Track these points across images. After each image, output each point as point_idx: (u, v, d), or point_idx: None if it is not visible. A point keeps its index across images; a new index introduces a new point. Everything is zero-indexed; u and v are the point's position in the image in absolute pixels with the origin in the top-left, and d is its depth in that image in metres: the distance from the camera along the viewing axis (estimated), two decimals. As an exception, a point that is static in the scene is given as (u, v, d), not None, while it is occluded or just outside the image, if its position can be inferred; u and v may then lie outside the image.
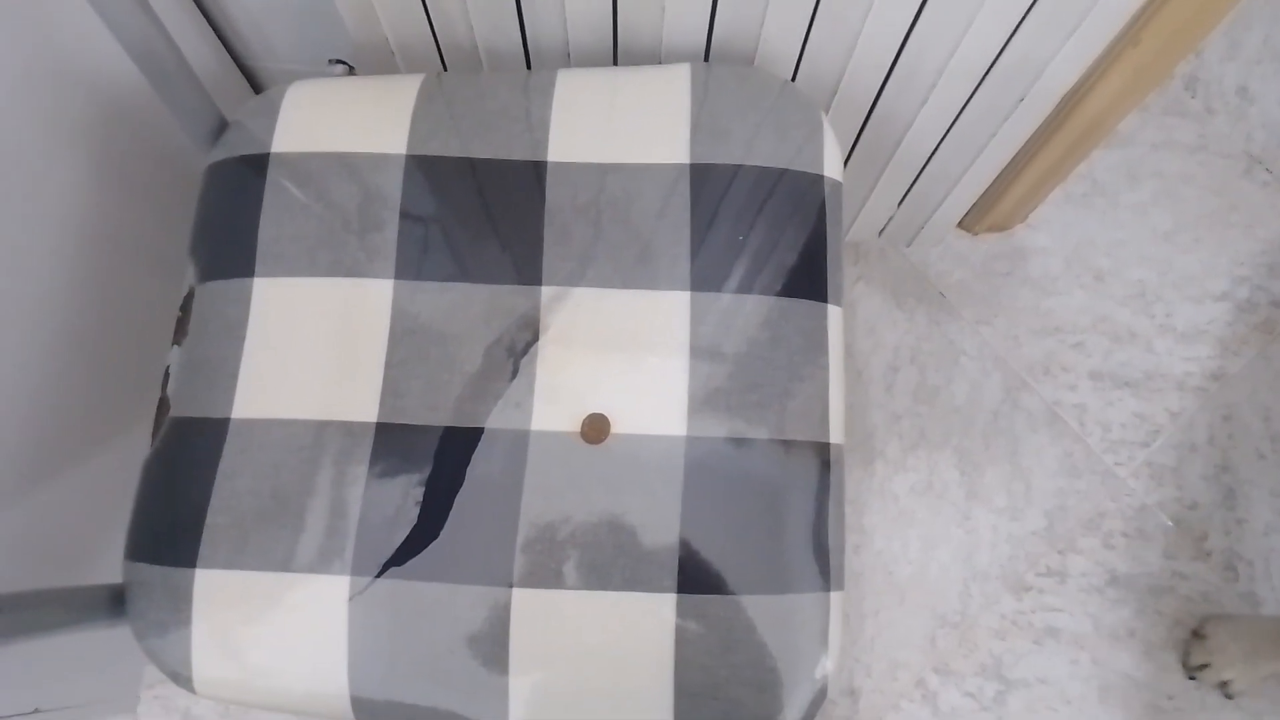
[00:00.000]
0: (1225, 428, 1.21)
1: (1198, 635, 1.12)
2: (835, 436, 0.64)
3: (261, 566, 0.60)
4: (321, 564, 0.60)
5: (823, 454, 0.63)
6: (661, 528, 0.60)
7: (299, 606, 0.60)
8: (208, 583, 0.61)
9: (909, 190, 0.94)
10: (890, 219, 1.04)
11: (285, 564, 0.60)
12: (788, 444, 0.62)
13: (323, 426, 0.62)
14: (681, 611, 0.59)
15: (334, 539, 0.61)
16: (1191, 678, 1.11)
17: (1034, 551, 1.17)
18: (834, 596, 0.61)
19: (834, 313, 0.66)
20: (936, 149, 0.85)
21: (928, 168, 0.88)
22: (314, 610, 0.60)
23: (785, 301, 0.64)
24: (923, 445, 1.21)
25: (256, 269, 0.66)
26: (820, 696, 0.60)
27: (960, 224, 1.28)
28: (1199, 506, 1.18)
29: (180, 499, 0.62)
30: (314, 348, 0.64)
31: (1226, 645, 1.07)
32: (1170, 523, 1.18)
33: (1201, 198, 1.29)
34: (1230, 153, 1.30)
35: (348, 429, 0.62)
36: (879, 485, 1.20)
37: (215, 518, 0.61)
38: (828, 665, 0.60)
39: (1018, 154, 0.99)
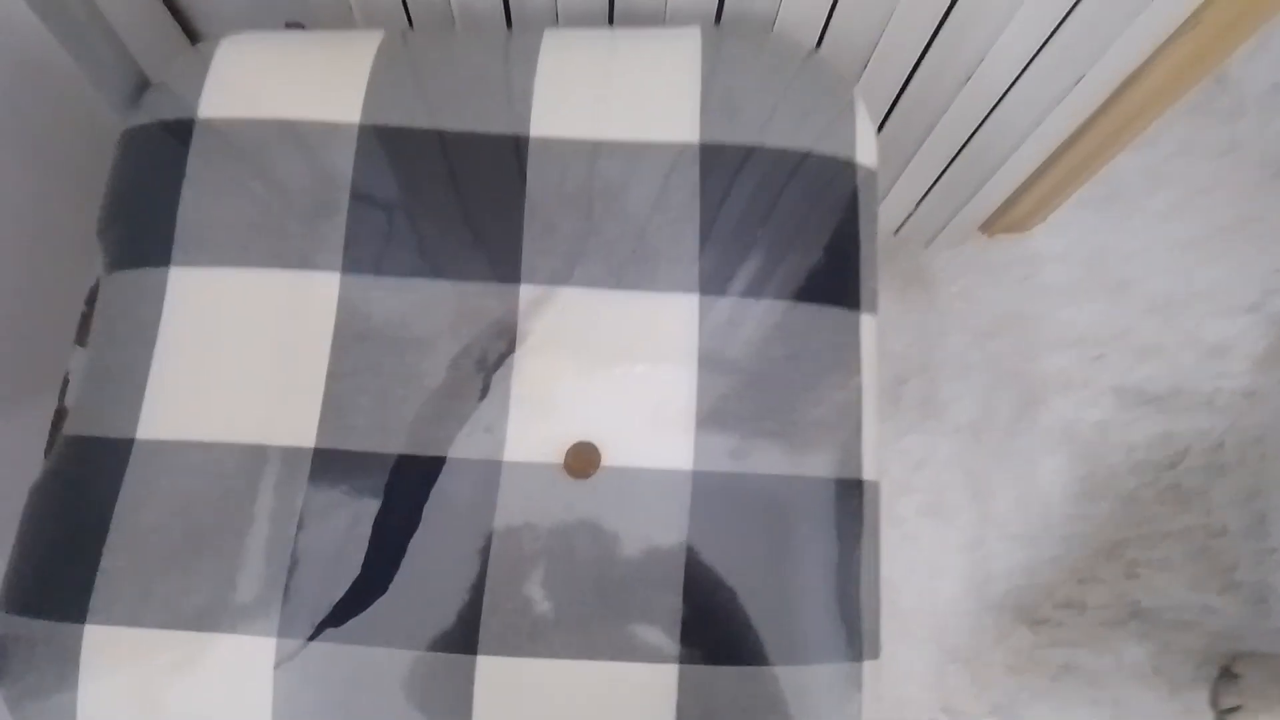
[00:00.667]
0: (1257, 449, 1.12)
1: (1228, 674, 1.03)
2: (869, 473, 0.53)
3: (167, 623, 0.49)
4: (242, 622, 0.49)
5: (853, 494, 0.53)
6: (661, 584, 0.49)
7: (212, 674, 0.49)
8: (99, 642, 0.49)
9: (935, 183, 0.84)
10: (909, 216, 0.94)
11: (197, 621, 0.49)
12: (813, 482, 0.52)
13: (249, 452, 0.51)
14: (685, 686, 0.48)
15: (258, 591, 0.49)
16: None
17: (1051, 581, 1.08)
18: (866, 667, 0.51)
19: (867, 323, 0.55)
20: (973, 136, 0.74)
21: (960, 158, 0.78)
22: (231, 679, 0.49)
23: (810, 309, 0.54)
24: (930, 464, 1.12)
25: (174, 256, 0.54)
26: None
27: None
28: (1228, 533, 1.09)
29: (71, 535, 0.51)
30: (240, 355, 0.53)
31: (1263, 687, 0.98)
32: (1197, 552, 1.09)
33: (1229, 204, 1.20)
34: (1260, 157, 1.22)
35: (280, 455, 0.51)
36: (882, 506, 1.10)
37: (112, 560, 0.50)
38: (858, 752, 0.50)
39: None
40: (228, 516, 0.50)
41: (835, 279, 0.55)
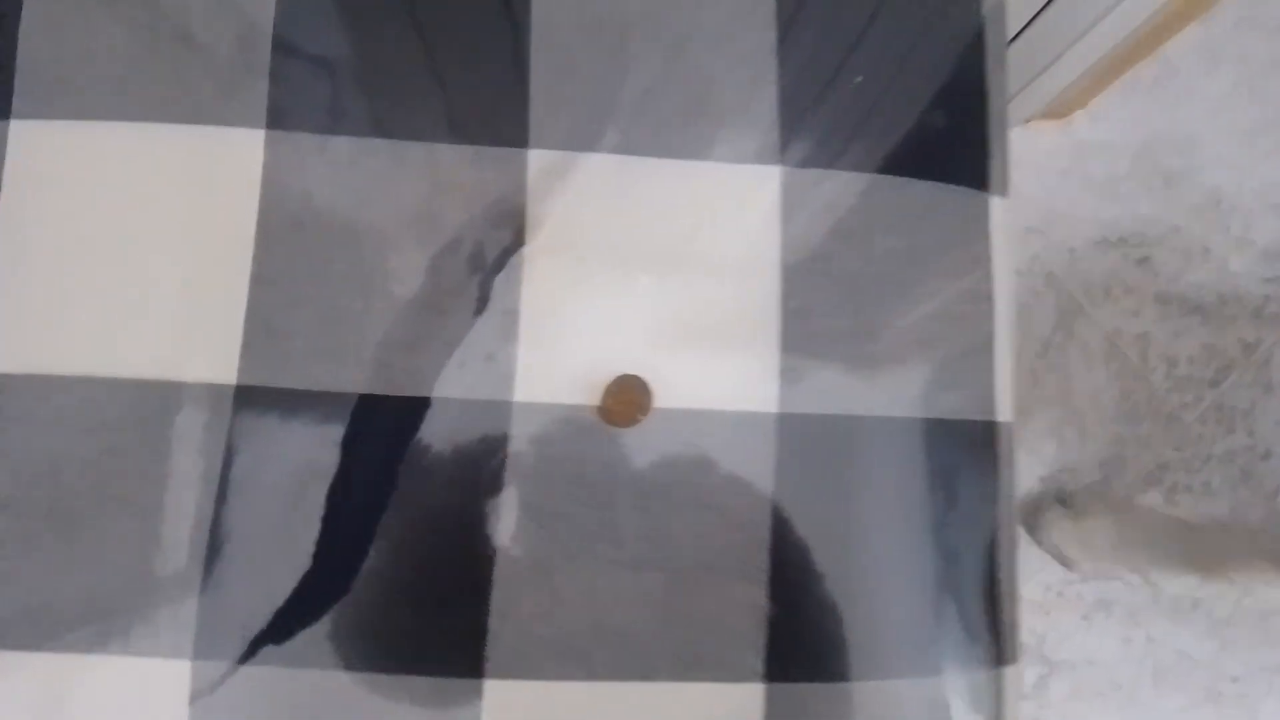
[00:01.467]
0: (1309, 364, 1.01)
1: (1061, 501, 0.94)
2: (1003, 413, 0.39)
3: (25, 644, 0.34)
4: (140, 639, 0.34)
5: (986, 442, 0.39)
6: (739, 573, 0.35)
7: (97, 715, 0.34)
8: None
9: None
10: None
11: (71, 640, 0.34)
12: (935, 427, 0.37)
13: (140, 391, 0.35)
14: (774, 711, 0.35)
15: (164, 593, 0.34)
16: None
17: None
18: (1008, 673, 0.38)
19: (998, 210, 0.41)
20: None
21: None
22: (129, 718, 0.34)
23: (927, 189, 0.39)
24: (956, 382, 0.99)
25: (14, 106, 0.37)
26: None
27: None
28: (1272, 456, 1.00)
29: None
30: (122, 251, 0.36)
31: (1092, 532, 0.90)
32: (1240, 476, 0.99)
33: (1290, 87, 1.06)
34: (1325, 32, 1.08)
35: (187, 397, 0.35)
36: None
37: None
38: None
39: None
40: (111, 484, 0.34)
41: (958, 149, 0.40)
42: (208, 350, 0.35)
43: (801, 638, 0.35)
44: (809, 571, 0.36)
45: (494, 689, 0.34)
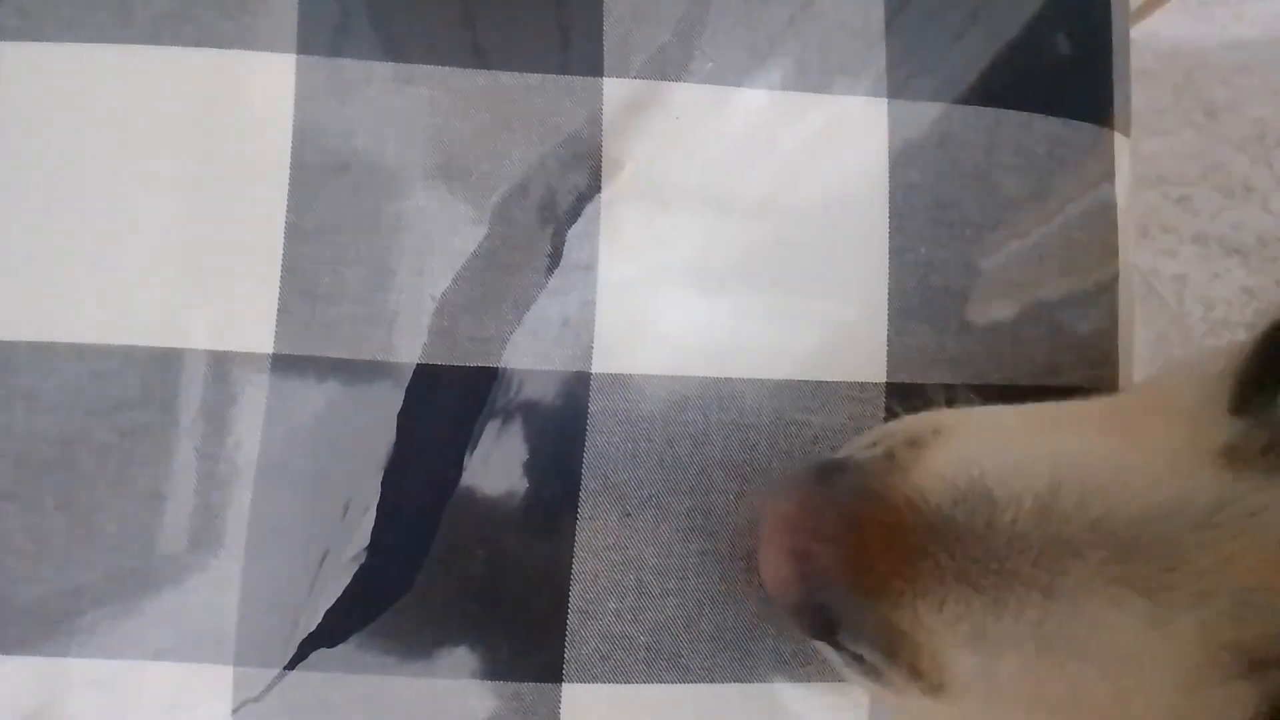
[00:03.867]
0: (1348, 308, 0.98)
1: None
2: (1124, 385, 0.35)
3: (27, 647, 0.29)
4: (173, 645, 0.30)
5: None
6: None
7: (130, 727, 0.30)
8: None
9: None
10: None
11: (87, 643, 0.30)
12: (1054, 394, 0.33)
13: (157, 362, 0.30)
14: (879, 711, 0.31)
15: (197, 596, 0.30)
16: None
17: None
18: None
19: (1123, 149, 0.36)
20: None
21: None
22: (162, 731, 0.30)
23: (1050, 123, 0.34)
24: (987, 325, 0.95)
25: (-4, 24, 0.31)
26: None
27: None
28: (1306, 402, 0.97)
29: None
30: (129, 198, 0.31)
31: None
32: (1274, 422, 0.97)
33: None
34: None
35: (211, 367, 0.30)
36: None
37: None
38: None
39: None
40: (125, 473, 0.30)
41: (1083, 81, 0.35)
42: (237, 314, 0.30)
43: (911, 632, 0.32)
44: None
45: (573, 694, 0.30)
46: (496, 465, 0.30)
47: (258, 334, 0.30)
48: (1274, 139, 0.98)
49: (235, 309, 0.30)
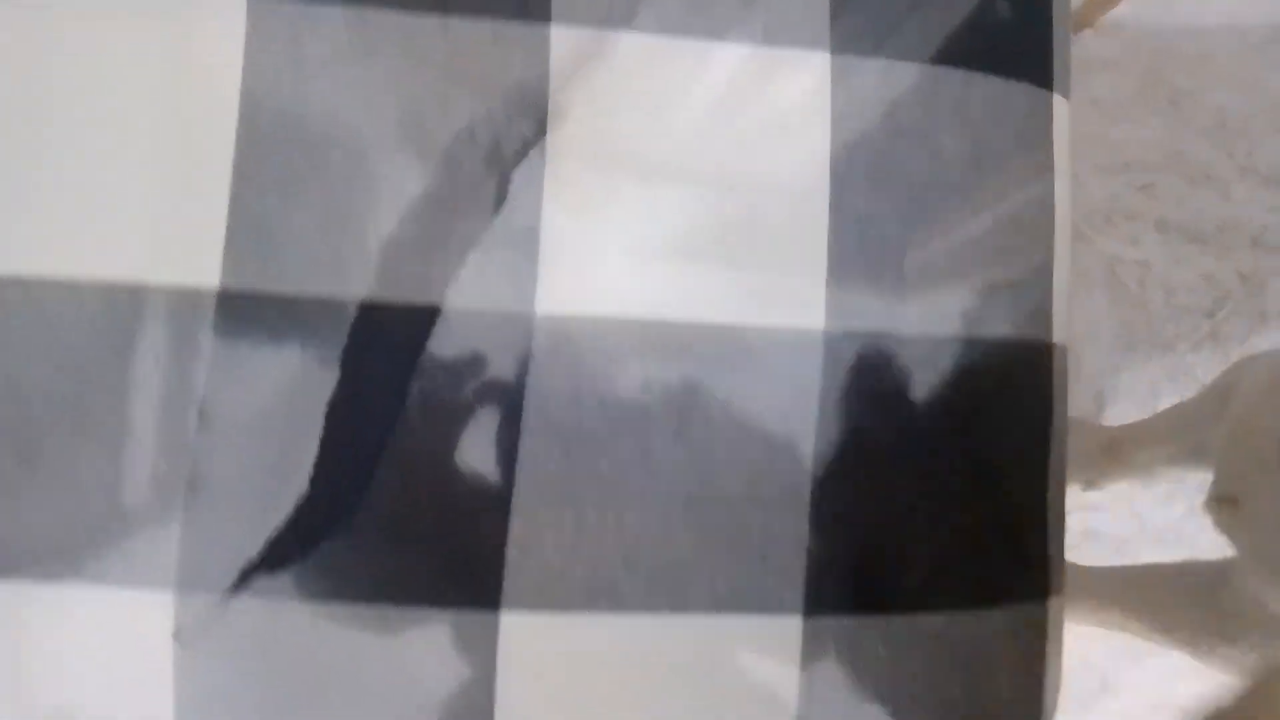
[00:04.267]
0: (1305, 295, 1.00)
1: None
2: (1059, 334, 0.37)
3: (-12, 575, 0.30)
4: (116, 570, 0.30)
5: (1041, 365, 0.36)
6: (779, 503, 0.32)
7: (72, 652, 0.30)
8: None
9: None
10: None
11: (35, 567, 0.30)
12: (990, 345, 0.35)
13: (105, 297, 0.31)
14: (811, 645, 0.32)
15: (140, 518, 0.30)
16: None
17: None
18: (1052, 605, 0.36)
19: (1061, 110, 0.37)
20: None
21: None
22: (100, 656, 0.30)
23: (989, 82, 0.35)
24: (953, 307, 0.96)
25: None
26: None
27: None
28: (1263, 388, 0.99)
29: None
30: (80, 137, 0.31)
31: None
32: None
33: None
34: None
35: (161, 303, 0.31)
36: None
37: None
38: (1048, 709, 0.35)
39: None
40: (78, 405, 0.30)
41: (1021, 42, 0.36)
42: (184, 251, 0.31)
43: (842, 569, 0.33)
44: (852, 499, 0.33)
45: (511, 622, 0.31)
46: (439, 402, 0.31)
47: (205, 270, 0.31)
48: (1235, 127, 1.00)
49: (182, 245, 0.31)
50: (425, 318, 0.31)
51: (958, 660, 0.33)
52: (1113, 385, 0.97)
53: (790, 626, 0.32)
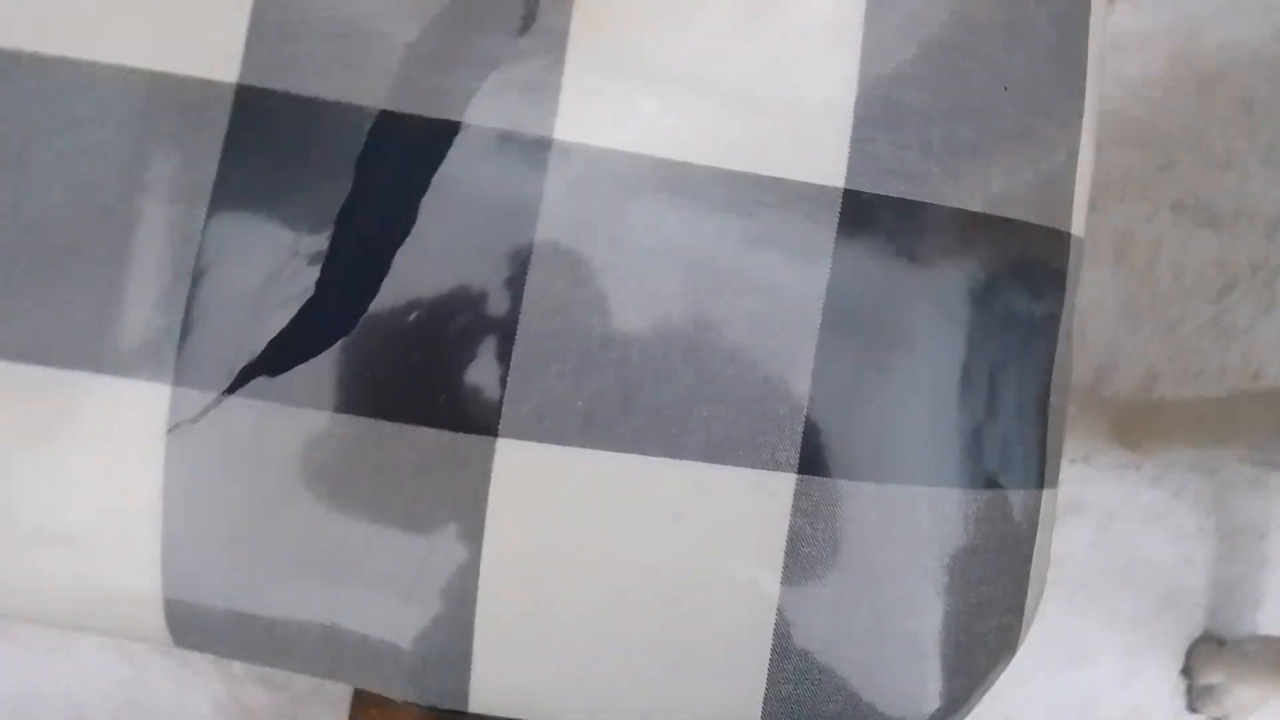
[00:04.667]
0: (1313, 289, 1.00)
1: (1213, 639, 0.93)
2: (1077, 226, 0.36)
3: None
4: (112, 358, 0.30)
5: (1059, 252, 0.36)
6: (782, 357, 0.32)
7: (65, 435, 0.30)
8: None
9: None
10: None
11: (33, 349, 0.30)
12: (1009, 225, 0.34)
13: (121, 80, 0.30)
14: (802, 504, 0.32)
15: (141, 312, 0.30)
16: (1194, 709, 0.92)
17: (1074, 413, 0.96)
18: (1047, 496, 0.36)
19: (1100, 14, 0.37)
20: None
21: None
22: (98, 445, 0.30)
23: (1032, -34, 0.35)
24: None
25: None
26: (1003, 657, 0.35)
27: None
28: (1261, 378, 0.99)
29: None
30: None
31: (1253, 666, 0.88)
32: (1229, 394, 0.99)
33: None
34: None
35: (175, 92, 0.30)
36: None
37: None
38: (1029, 607, 0.35)
39: None
40: (82, 186, 0.30)
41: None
42: (205, 43, 0.30)
43: (839, 432, 0.32)
44: (856, 362, 0.33)
45: (507, 449, 0.31)
46: (449, 218, 0.31)
47: (225, 63, 0.30)
48: (1261, 115, 1.00)
49: (203, 38, 0.30)
50: (444, 132, 0.31)
51: (947, 534, 0.33)
52: (1111, 361, 0.97)
53: (783, 483, 0.32)
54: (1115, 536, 0.97)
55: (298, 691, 0.81)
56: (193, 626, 0.32)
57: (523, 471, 0.31)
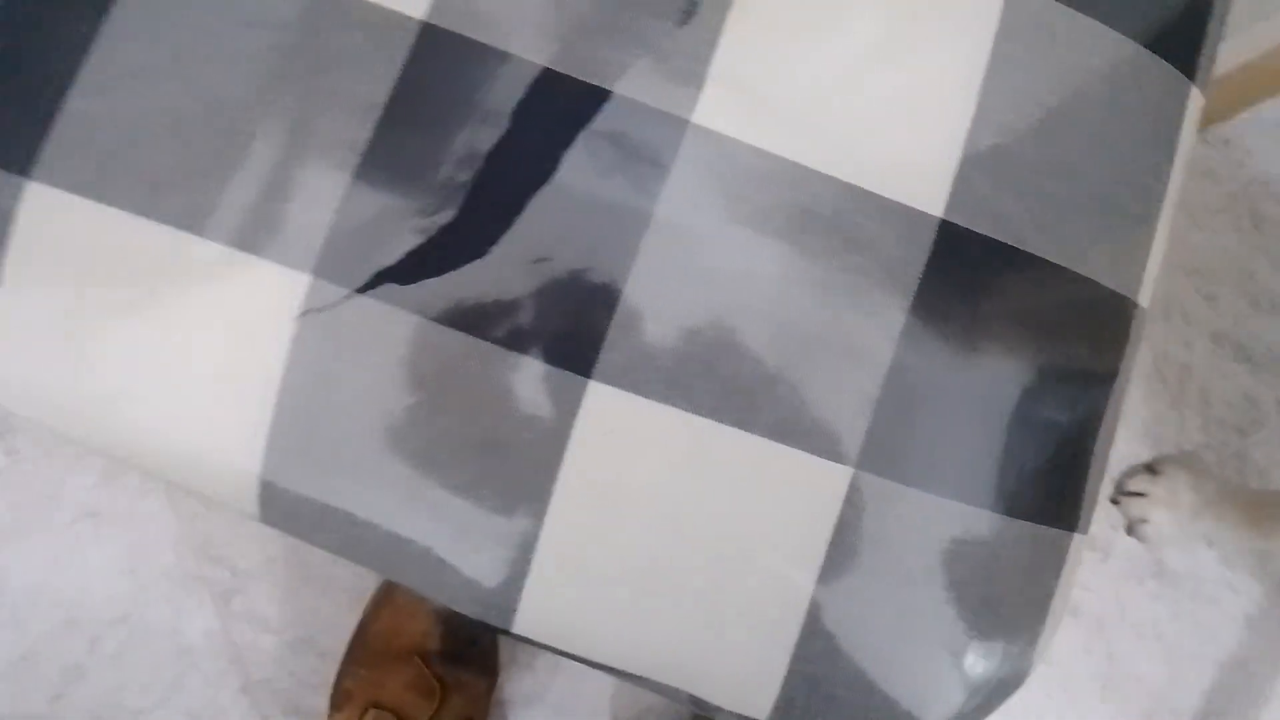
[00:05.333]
0: (1338, 441, 1.02)
1: (1149, 469, 0.97)
2: (1144, 297, 0.39)
3: (150, 212, 0.33)
4: (263, 241, 0.33)
5: (1123, 316, 0.38)
6: (859, 357, 0.35)
7: (204, 302, 0.33)
8: (42, 212, 0.33)
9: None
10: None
11: (194, 220, 0.33)
12: (1079, 281, 0.37)
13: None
14: (854, 498, 0.34)
15: (297, 203, 0.33)
16: (1114, 501, 0.95)
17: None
18: (1076, 540, 0.38)
19: (1196, 99, 0.40)
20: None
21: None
22: (231, 315, 0.33)
23: (1144, 55, 0.38)
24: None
25: None
26: (1013, 682, 0.37)
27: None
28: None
29: (27, 54, 0.33)
30: None
31: (1178, 490, 0.92)
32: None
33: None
34: None
35: (364, 15, 0.34)
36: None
37: (82, 103, 0.33)
38: (1044, 638, 0.37)
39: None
40: (264, 85, 0.33)
41: (1179, 28, 0.39)
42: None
43: (901, 438, 0.35)
44: (925, 376, 0.35)
45: (596, 392, 0.33)
46: (584, 175, 0.34)
47: (414, 1, 0.34)
48: (1310, 264, 1.03)
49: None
50: (596, 97, 0.34)
51: (981, 553, 0.35)
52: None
53: (840, 476, 0.34)
54: (1108, 648, 0.97)
55: (290, 638, 0.83)
56: (280, 507, 0.34)
57: (606, 414, 0.33)
